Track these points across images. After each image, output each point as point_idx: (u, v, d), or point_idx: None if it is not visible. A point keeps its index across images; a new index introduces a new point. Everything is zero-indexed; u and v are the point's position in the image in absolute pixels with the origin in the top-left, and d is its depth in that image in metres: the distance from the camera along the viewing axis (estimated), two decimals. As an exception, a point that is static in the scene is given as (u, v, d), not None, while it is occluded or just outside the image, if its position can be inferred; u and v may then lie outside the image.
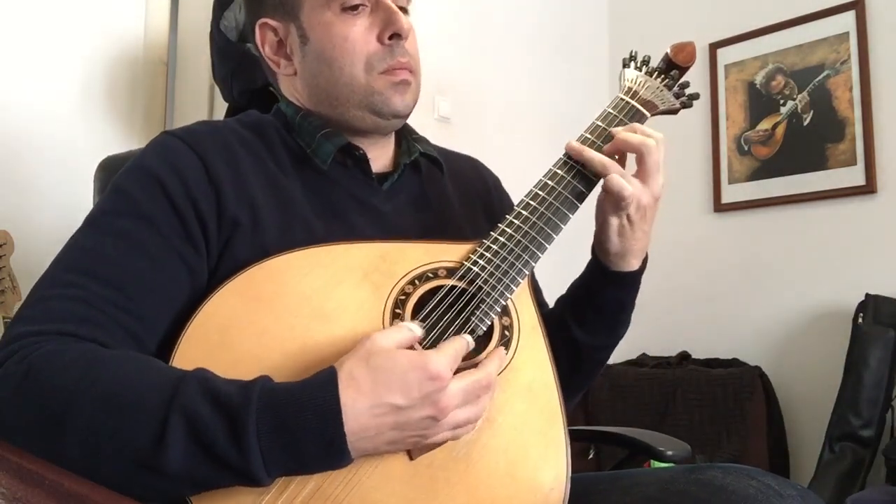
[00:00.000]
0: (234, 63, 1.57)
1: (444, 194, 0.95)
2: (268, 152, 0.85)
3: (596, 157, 0.83)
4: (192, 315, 0.70)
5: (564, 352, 0.89)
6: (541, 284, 0.97)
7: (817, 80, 2.49)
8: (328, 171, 0.86)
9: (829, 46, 2.47)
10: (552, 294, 0.99)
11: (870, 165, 2.34)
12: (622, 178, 0.81)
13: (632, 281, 0.89)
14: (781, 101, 2.57)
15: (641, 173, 0.83)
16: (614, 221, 0.84)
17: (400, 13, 0.84)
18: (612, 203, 0.83)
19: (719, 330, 2.59)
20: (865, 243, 2.34)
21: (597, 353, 0.94)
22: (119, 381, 0.62)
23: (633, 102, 0.90)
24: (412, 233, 0.87)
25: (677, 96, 0.95)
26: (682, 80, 0.96)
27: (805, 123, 2.51)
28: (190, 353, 0.68)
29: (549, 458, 0.73)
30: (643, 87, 0.93)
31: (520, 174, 1.06)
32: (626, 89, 0.92)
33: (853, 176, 2.38)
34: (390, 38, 0.84)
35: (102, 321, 0.69)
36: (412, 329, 0.69)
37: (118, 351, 0.67)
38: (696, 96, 0.96)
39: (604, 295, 0.90)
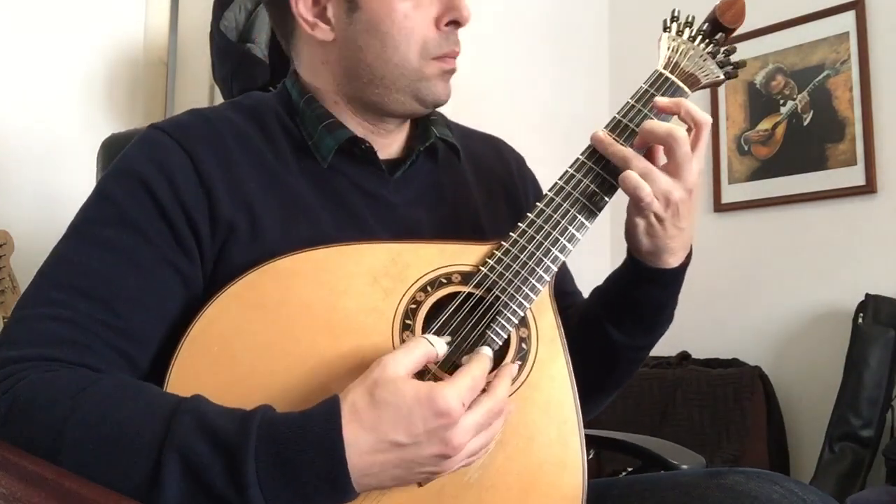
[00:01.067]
0: (234, 63, 1.57)
1: (462, 182, 0.88)
2: (265, 142, 0.79)
3: (618, 151, 0.74)
4: (190, 323, 0.66)
5: (599, 352, 0.84)
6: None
7: (817, 80, 2.48)
8: (332, 160, 0.80)
9: (829, 46, 2.46)
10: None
11: (870, 165, 2.34)
12: (639, 177, 0.72)
13: (672, 279, 0.81)
14: (781, 101, 2.56)
15: (671, 166, 0.73)
16: (640, 222, 0.75)
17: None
18: (633, 203, 0.74)
19: (719, 330, 2.59)
20: (865, 243, 2.34)
21: (634, 353, 0.87)
22: (109, 417, 0.58)
23: (673, 77, 0.79)
24: (425, 225, 0.81)
25: (721, 65, 0.82)
26: (728, 45, 0.84)
27: (805, 123, 2.50)
28: (189, 365, 0.64)
29: (565, 481, 0.69)
30: (685, 56, 0.80)
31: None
32: (665, 60, 0.80)
33: (853, 176, 2.37)
34: (447, 24, 0.79)
35: (90, 342, 0.65)
36: (433, 344, 0.63)
37: (106, 379, 0.63)
38: (742, 64, 0.84)
39: (639, 293, 0.82)
